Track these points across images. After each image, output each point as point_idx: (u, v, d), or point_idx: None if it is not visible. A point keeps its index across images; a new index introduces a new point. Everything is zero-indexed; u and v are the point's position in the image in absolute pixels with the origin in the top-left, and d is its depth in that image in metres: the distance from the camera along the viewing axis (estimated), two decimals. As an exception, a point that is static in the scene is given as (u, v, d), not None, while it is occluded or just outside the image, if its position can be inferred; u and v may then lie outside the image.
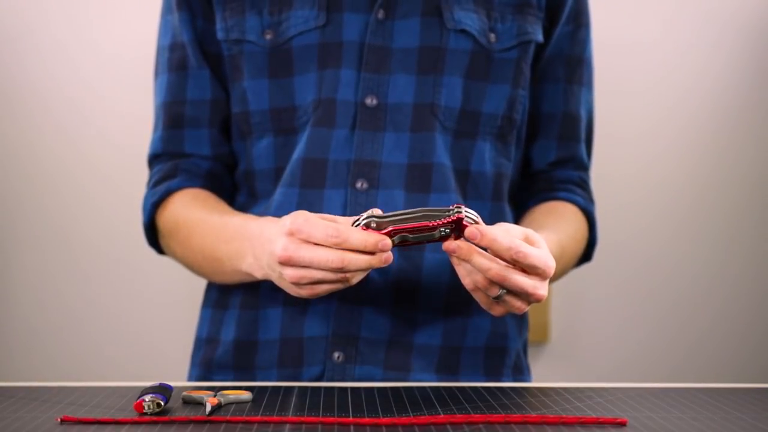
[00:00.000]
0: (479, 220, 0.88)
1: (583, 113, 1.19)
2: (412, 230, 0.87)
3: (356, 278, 0.90)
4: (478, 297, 0.91)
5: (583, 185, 1.21)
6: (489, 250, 0.87)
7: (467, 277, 0.89)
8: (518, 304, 0.90)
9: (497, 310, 0.92)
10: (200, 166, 1.16)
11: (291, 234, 0.89)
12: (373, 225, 0.86)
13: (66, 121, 1.71)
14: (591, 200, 1.21)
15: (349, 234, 0.86)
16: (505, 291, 0.88)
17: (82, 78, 1.71)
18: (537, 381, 1.21)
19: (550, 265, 0.89)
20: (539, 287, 0.89)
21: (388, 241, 0.86)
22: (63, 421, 0.79)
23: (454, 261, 0.88)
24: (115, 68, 1.71)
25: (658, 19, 1.77)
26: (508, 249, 0.85)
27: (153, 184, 1.17)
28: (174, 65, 1.16)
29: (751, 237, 1.78)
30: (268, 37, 1.10)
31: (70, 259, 1.72)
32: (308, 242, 0.88)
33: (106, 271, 1.72)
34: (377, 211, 0.88)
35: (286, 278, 0.91)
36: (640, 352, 1.78)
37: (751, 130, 1.78)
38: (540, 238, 0.91)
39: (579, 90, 1.19)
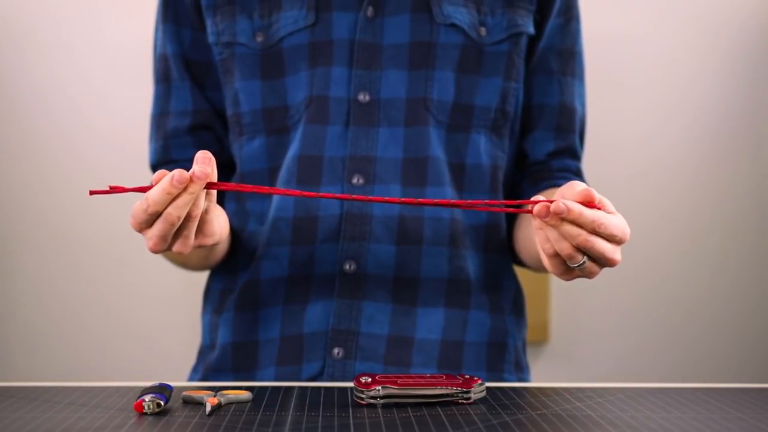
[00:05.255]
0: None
1: (578, 105, 1.20)
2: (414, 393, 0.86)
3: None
4: (554, 263, 0.89)
5: (580, 174, 1.22)
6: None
7: (547, 243, 0.87)
8: (595, 269, 0.89)
9: (569, 277, 0.90)
10: (188, 168, 1.15)
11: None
12: (380, 392, 0.84)
13: (66, 121, 1.72)
14: None
15: (151, 196, 0.83)
16: (587, 258, 0.87)
17: (83, 78, 1.72)
18: (537, 381, 1.21)
19: (627, 231, 0.88)
20: (616, 252, 0.88)
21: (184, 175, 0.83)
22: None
23: (536, 224, 0.87)
24: (115, 69, 1.71)
25: (659, 19, 1.77)
26: (592, 222, 0.84)
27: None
28: (160, 77, 1.19)
29: (751, 236, 1.79)
30: (259, 39, 1.12)
31: (71, 259, 1.72)
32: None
33: (106, 271, 1.73)
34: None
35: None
36: (640, 352, 1.78)
37: (750, 130, 1.78)
38: (606, 199, 0.89)
39: (573, 82, 1.19)
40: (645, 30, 1.76)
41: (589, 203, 0.85)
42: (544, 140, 1.19)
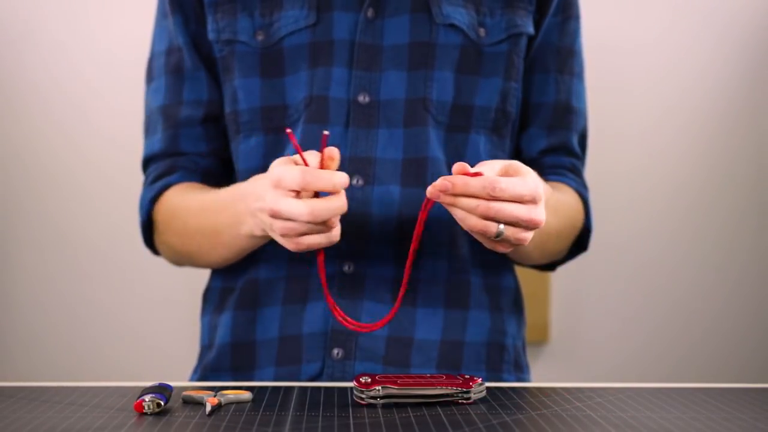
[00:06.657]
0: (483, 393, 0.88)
1: (575, 104, 1.20)
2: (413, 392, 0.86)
3: (336, 229, 0.91)
4: (482, 240, 0.90)
5: (575, 171, 1.21)
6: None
7: (464, 222, 0.87)
8: (521, 235, 0.88)
9: (502, 248, 0.90)
10: (198, 163, 1.17)
11: (275, 186, 0.89)
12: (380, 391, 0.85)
13: (66, 121, 1.72)
14: (584, 186, 1.21)
15: (315, 178, 0.87)
16: (503, 227, 0.87)
17: (82, 78, 1.72)
18: (537, 381, 1.21)
19: (535, 188, 0.87)
20: (533, 211, 0.87)
21: (345, 178, 0.87)
22: None
23: (458, 216, 0.87)
24: (115, 68, 1.71)
25: (659, 19, 1.77)
26: (483, 188, 0.84)
27: (151, 181, 1.18)
28: (171, 68, 1.17)
29: (751, 237, 1.79)
30: (260, 38, 1.11)
31: (70, 259, 1.72)
32: (290, 192, 0.88)
33: (106, 271, 1.73)
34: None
35: (275, 231, 0.91)
36: (640, 352, 1.78)
37: (751, 130, 1.78)
38: (524, 166, 0.89)
39: (570, 80, 1.19)
40: (647, 32, 1.76)
41: (468, 173, 0.85)
42: (537, 138, 1.19)
